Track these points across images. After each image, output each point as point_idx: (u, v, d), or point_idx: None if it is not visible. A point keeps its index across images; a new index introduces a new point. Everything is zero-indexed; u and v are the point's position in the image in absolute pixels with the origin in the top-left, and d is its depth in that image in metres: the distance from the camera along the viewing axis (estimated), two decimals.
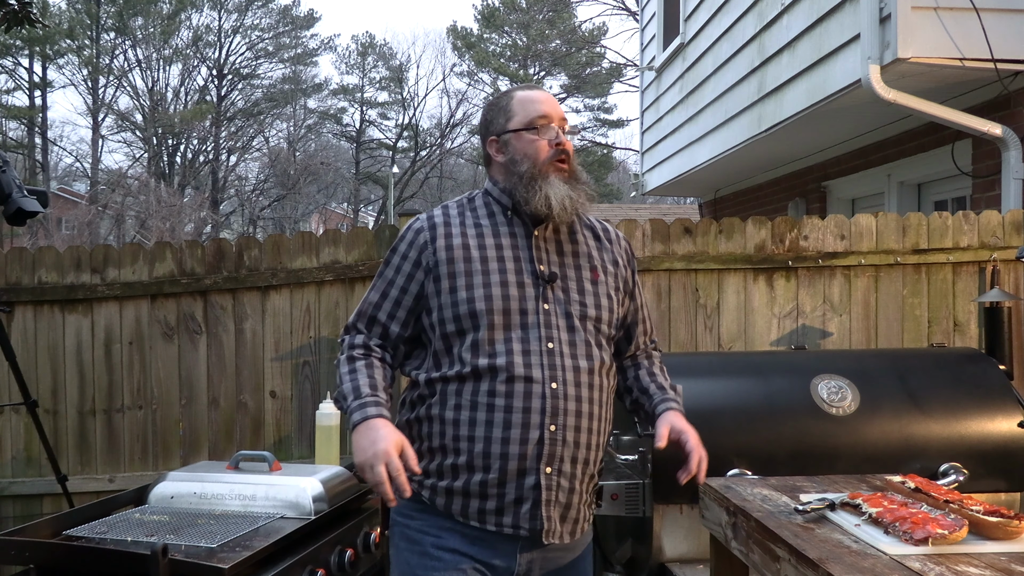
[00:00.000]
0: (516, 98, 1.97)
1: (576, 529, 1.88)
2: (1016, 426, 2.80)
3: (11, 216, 3.05)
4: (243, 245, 3.85)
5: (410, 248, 1.94)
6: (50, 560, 2.23)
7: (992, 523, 1.69)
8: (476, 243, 1.90)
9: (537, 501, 1.80)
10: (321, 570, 2.40)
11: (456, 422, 1.82)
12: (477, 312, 1.83)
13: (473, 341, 1.83)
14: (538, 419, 1.80)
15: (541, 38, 30.15)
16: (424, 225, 1.95)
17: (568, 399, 1.82)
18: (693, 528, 2.72)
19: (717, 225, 3.83)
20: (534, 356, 1.82)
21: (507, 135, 1.95)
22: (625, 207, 17.80)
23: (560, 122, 1.94)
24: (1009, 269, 3.76)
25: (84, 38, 31.25)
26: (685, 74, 7.42)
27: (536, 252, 1.91)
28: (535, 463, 1.80)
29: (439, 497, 1.85)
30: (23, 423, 3.77)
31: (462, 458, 1.82)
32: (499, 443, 1.79)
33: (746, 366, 3.12)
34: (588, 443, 1.85)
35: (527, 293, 1.86)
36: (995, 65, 4.10)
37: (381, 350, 1.93)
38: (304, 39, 35.26)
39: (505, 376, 1.80)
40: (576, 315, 1.89)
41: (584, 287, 1.92)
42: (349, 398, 1.84)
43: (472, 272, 1.87)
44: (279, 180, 32.80)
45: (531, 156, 1.91)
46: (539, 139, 1.92)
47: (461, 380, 1.83)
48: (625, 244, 2.08)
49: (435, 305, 1.88)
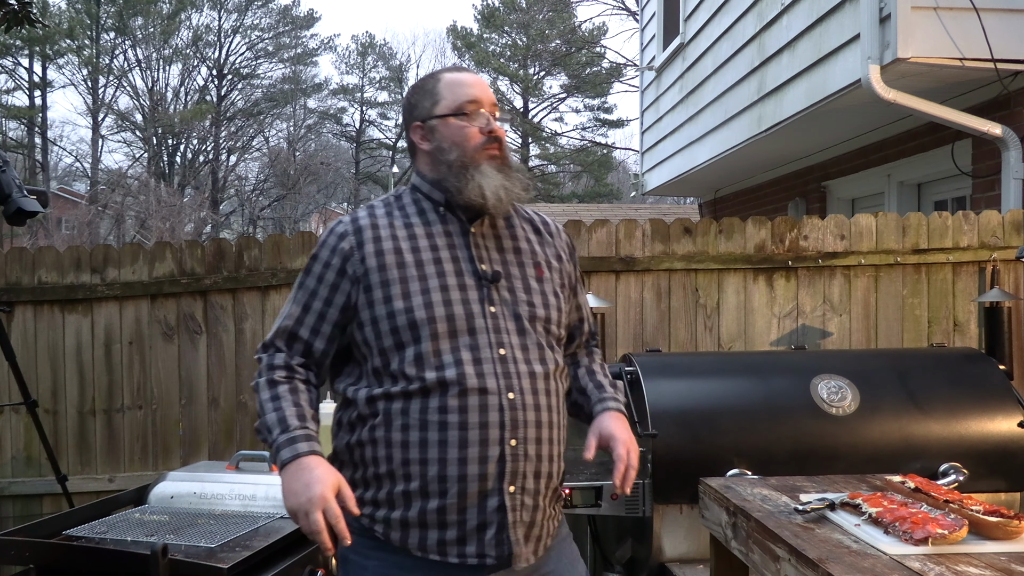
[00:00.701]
0: (444, 81, 1.78)
1: (540, 547, 1.71)
2: (1016, 426, 2.80)
3: (11, 216, 3.05)
4: (243, 245, 3.85)
5: (333, 255, 1.73)
6: (50, 560, 2.23)
7: (992, 523, 1.69)
8: (409, 245, 1.72)
9: (503, 524, 1.63)
10: (321, 570, 2.40)
11: (405, 444, 1.64)
12: (418, 322, 1.65)
13: (416, 354, 1.65)
14: (497, 434, 1.62)
15: (541, 38, 30.13)
16: (348, 229, 1.75)
17: (527, 409, 1.66)
18: (693, 528, 2.72)
19: (717, 225, 3.83)
20: (486, 364, 1.65)
21: (433, 121, 1.77)
22: (625, 207, 17.79)
23: (491, 107, 1.77)
24: (1009, 269, 3.76)
25: (84, 38, 31.24)
26: (685, 74, 7.42)
27: (476, 250, 1.74)
28: (497, 483, 1.63)
29: (393, 531, 1.66)
30: (23, 423, 3.77)
31: (414, 484, 1.63)
32: (456, 464, 1.61)
33: (746, 366, 3.12)
34: (550, 455, 1.70)
35: (471, 296, 1.69)
36: (995, 65, 4.10)
37: (304, 370, 1.74)
38: (304, 39, 35.27)
39: (457, 389, 1.62)
40: (525, 316, 1.72)
41: (530, 285, 1.76)
42: (275, 431, 1.64)
43: (407, 278, 1.68)
44: (279, 180, 32.79)
45: (460, 144, 1.74)
46: (469, 125, 1.74)
47: (407, 397, 1.64)
48: (566, 237, 1.92)
49: (368, 318, 1.69)
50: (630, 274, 3.80)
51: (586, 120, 32.60)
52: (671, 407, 2.82)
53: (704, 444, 2.77)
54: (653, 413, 2.77)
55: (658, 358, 3.18)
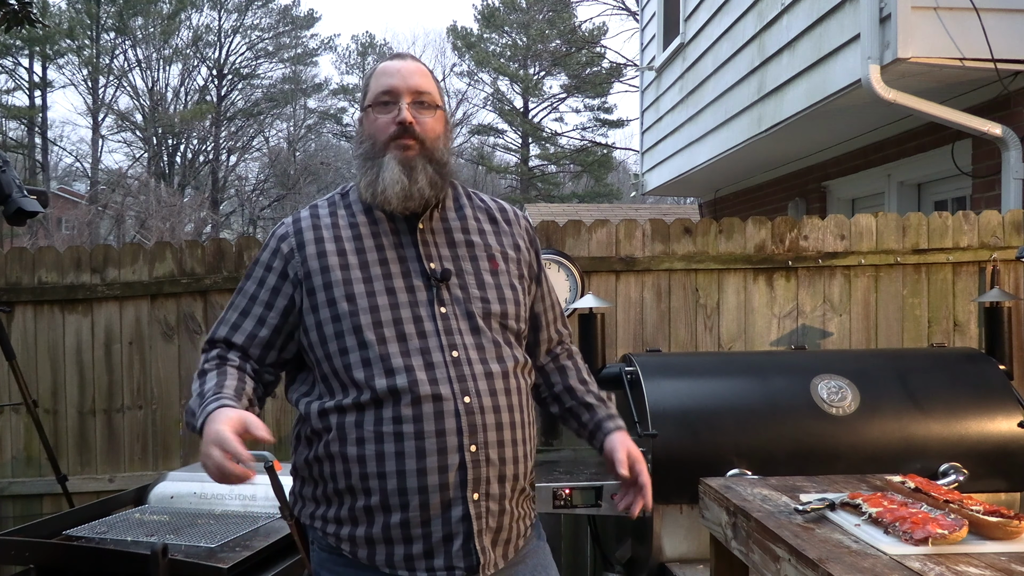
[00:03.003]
0: (375, 73, 1.72)
1: (510, 549, 1.66)
2: (1016, 426, 2.80)
3: (11, 216, 3.05)
4: (243, 245, 3.85)
5: (274, 257, 1.68)
6: (50, 560, 2.23)
7: (992, 523, 1.69)
8: (353, 246, 1.65)
9: (469, 533, 1.58)
10: None
11: (361, 459, 1.57)
12: (363, 326, 1.59)
13: (363, 359, 1.59)
14: (456, 441, 1.56)
15: (541, 38, 30.13)
16: (289, 230, 1.69)
17: (485, 412, 1.60)
18: (693, 528, 2.72)
19: (717, 225, 3.83)
20: (439, 369, 1.58)
21: (361, 114, 1.72)
22: (625, 207, 17.79)
23: (412, 95, 1.66)
24: (1009, 269, 3.76)
25: (84, 38, 31.25)
26: (685, 74, 7.42)
27: (424, 248, 1.67)
28: (460, 491, 1.57)
29: (360, 548, 1.61)
30: (23, 423, 3.77)
31: (374, 498, 1.57)
32: (415, 476, 1.55)
33: (746, 366, 3.12)
34: (515, 456, 1.63)
35: (419, 297, 1.63)
36: (995, 65, 4.10)
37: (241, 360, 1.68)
38: (304, 39, 35.29)
39: (410, 398, 1.56)
40: (479, 314, 1.65)
41: (483, 280, 1.69)
42: (196, 412, 1.57)
43: (351, 280, 1.62)
44: (279, 180, 32.79)
45: (372, 135, 1.67)
46: (381, 116, 1.67)
47: (360, 409, 1.58)
48: (526, 224, 1.83)
49: (312, 323, 1.63)
50: (630, 274, 3.80)
51: (586, 120, 32.62)
52: (671, 407, 2.82)
53: (704, 444, 2.76)
54: (653, 413, 2.77)
55: (658, 358, 3.18)
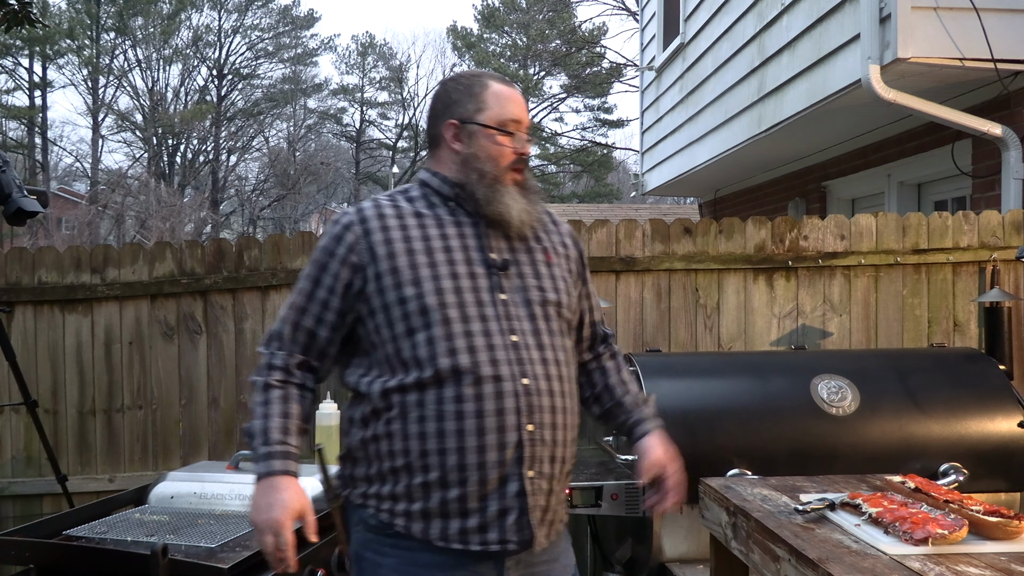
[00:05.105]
0: (491, 90, 1.80)
1: (552, 531, 1.74)
2: (1016, 426, 2.80)
3: (11, 216, 3.05)
4: (243, 245, 3.85)
5: (339, 244, 1.75)
6: (50, 560, 2.23)
7: (992, 523, 1.69)
8: (419, 233, 1.74)
9: (523, 509, 1.67)
10: (321, 569, 2.40)
11: (423, 435, 1.65)
12: (428, 307, 1.67)
13: (428, 339, 1.67)
14: (514, 420, 1.65)
15: (541, 38, 30.13)
16: (355, 219, 1.76)
17: (542, 394, 1.69)
18: (693, 528, 2.72)
19: (717, 225, 3.83)
20: (499, 351, 1.67)
21: (473, 126, 1.78)
22: (625, 207, 17.80)
23: (526, 127, 1.82)
24: (1009, 269, 3.76)
25: (84, 38, 31.25)
26: (685, 74, 7.42)
27: (485, 240, 1.77)
28: (516, 468, 1.66)
29: (415, 523, 1.67)
30: (23, 423, 3.77)
31: (433, 474, 1.65)
32: (474, 452, 1.63)
33: (746, 366, 3.12)
34: (564, 440, 1.74)
35: (480, 284, 1.72)
36: (995, 65, 4.10)
37: (302, 371, 1.76)
38: (304, 39, 35.30)
39: (471, 378, 1.65)
40: (536, 301, 1.76)
41: (539, 271, 1.80)
42: (256, 440, 1.69)
43: (416, 264, 1.70)
44: (279, 180, 32.79)
45: (495, 159, 1.77)
46: (506, 144, 1.78)
47: (422, 388, 1.66)
48: (567, 228, 1.96)
49: (378, 305, 1.70)
50: (630, 274, 3.80)
51: (586, 120, 32.63)
52: (671, 407, 2.81)
53: (704, 444, 2.76)
54: None
55: (658, 358, 3.18)
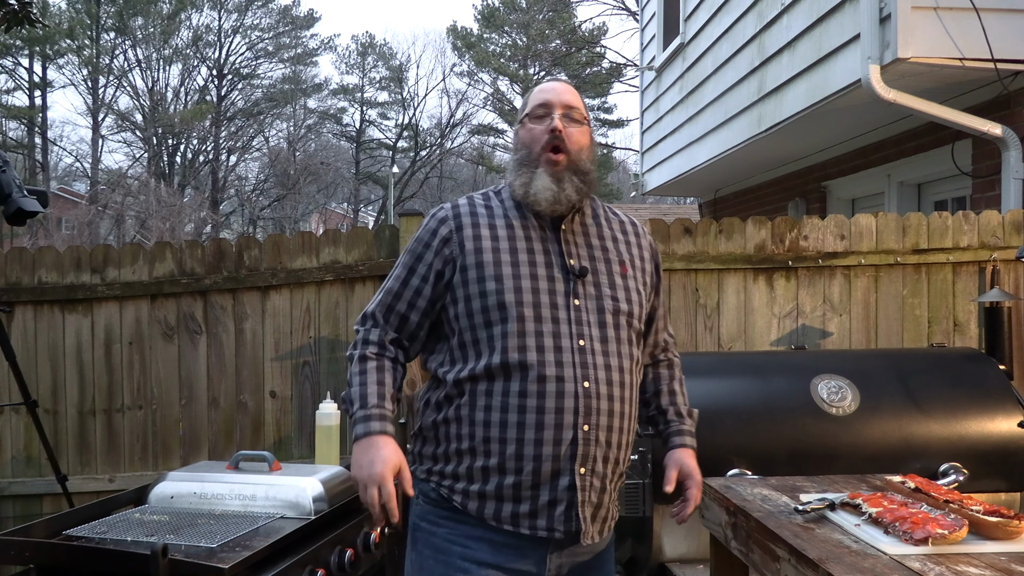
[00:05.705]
0: (533, 92, 1.96)
1: (605, 528, 1.86)
2: (1016, 426, 2.80)
3: (11, 216, 3.04)
4: (243, 245, 3.85)
5: (433, 237, 1.89)
6: (50, 560, 2.23)
7: (992, 523, 1.69)
8: (505, 234, 1.86)
9: (572, 502, 1.77)
10: (321, 570, 2.40)
11: (487, 423, 1.78)
12: (506, 303, 1.78)
13: (502, 333, 1.78)
14: (571, 419, 1.76)
15: (541, 38, 30.13)
16: (449, 214, 1.91)
17: (600, 398, 1.78)
18: (693, 528, 2.72)
19: (717, 225, 3.83)
20: (565, 354, 1.78)
21: (517, 126, 1.96)
22: (625, 207, 17.78)
23: (562, 108, 1.88)
24: (1009, 269, 3.76)
25: (84, 38, 31.23)
26: (685, 74, 7.42)
27: (565, 246, 1.87)
28: (569, 463, 1.76)
29: (471, 501, 1.80)
30: (23, 423, 3.77)
31: (493, 460, 1.77)
32: (532, 444, 1.75)
33: (746, 366, 3.12)
34: (619, 442, 1.82)
35: (557, 288, 1.82)
36: (995, 65, 4.10)
37: (395, 347, 1.90)
38: (304, 39, 35.29)
39: (536, 375, 1.76)
40: (608, 310, 1.85)
41: (615, 281, 1.89)
42: (355, 404, 1.81)
43: (500, 263, 1.82)
44: (279, 180, 32.80)
45: (528, 144, 1.89)
46: (536, 127, 1.89)
47: (490, 379, 1.78)
48: (649, 239, 2.04)
49: (461, 296, 1.83)
50: None
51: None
52: None
53: (704, 444, 2.74)
54: None
55: None
